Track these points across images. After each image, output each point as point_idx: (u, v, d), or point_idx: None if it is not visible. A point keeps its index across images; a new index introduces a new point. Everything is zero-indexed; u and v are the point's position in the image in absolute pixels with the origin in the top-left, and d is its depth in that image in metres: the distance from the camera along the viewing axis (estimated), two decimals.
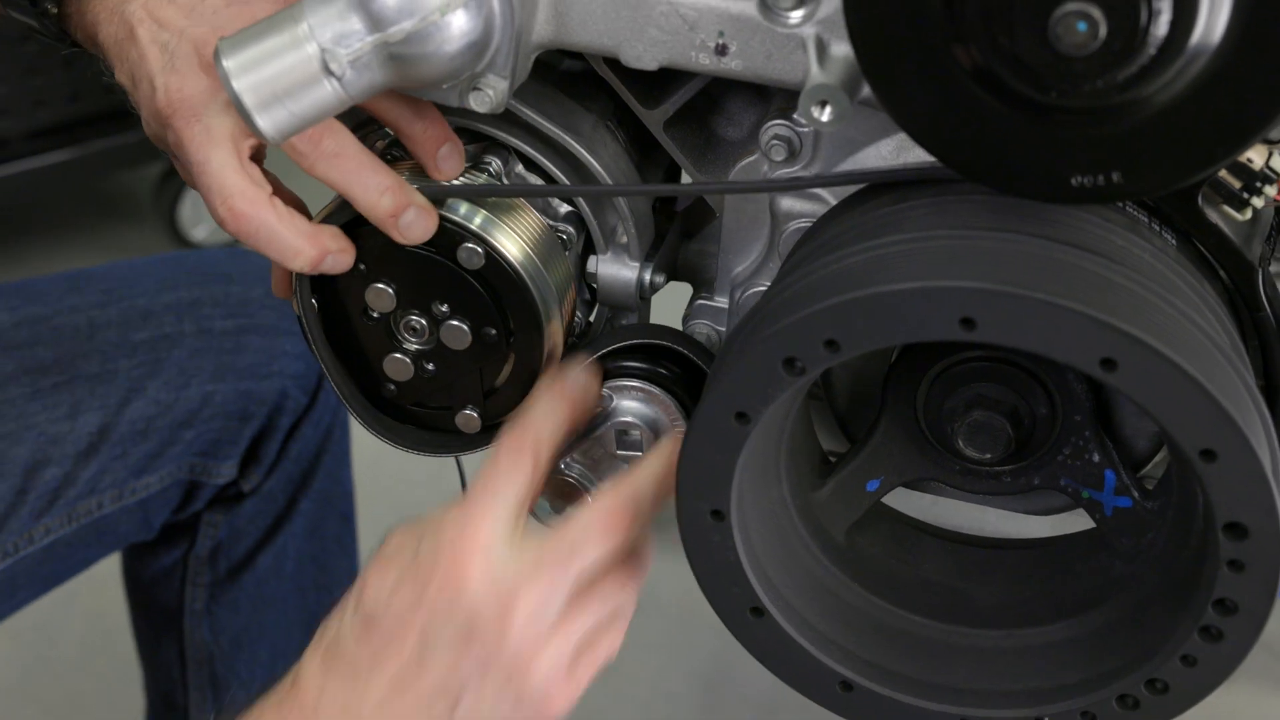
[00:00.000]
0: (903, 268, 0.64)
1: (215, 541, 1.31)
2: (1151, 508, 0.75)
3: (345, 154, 0.78)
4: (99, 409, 1.18)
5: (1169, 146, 0.62)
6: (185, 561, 1.32)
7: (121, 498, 1.21)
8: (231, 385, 1.23)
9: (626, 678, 1.98)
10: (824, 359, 0.65)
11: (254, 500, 1.30)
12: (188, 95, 0.79)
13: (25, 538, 1.15)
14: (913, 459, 0.79)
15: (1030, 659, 0.76)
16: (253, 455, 1.27)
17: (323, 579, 1.38)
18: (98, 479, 1.18)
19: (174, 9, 0.81)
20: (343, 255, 0.80)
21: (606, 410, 0.83)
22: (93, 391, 1.18)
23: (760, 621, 0.75)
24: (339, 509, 1.38)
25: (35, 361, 1.17)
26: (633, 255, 0.85)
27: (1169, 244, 0.71)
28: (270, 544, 1.33)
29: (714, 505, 0.72)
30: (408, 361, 0.84)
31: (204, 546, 1.31)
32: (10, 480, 1.13)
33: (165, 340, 1.22)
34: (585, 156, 0.82)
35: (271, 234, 0.79)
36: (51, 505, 1.16)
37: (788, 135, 0.77)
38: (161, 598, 1.35)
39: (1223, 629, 0.67)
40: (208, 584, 1.32)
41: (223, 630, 1.34)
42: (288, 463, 1.30)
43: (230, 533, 1.31)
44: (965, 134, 0.64)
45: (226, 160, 0.79)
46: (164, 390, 1.21)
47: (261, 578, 1.33)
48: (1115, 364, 0.61)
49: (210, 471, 1.25)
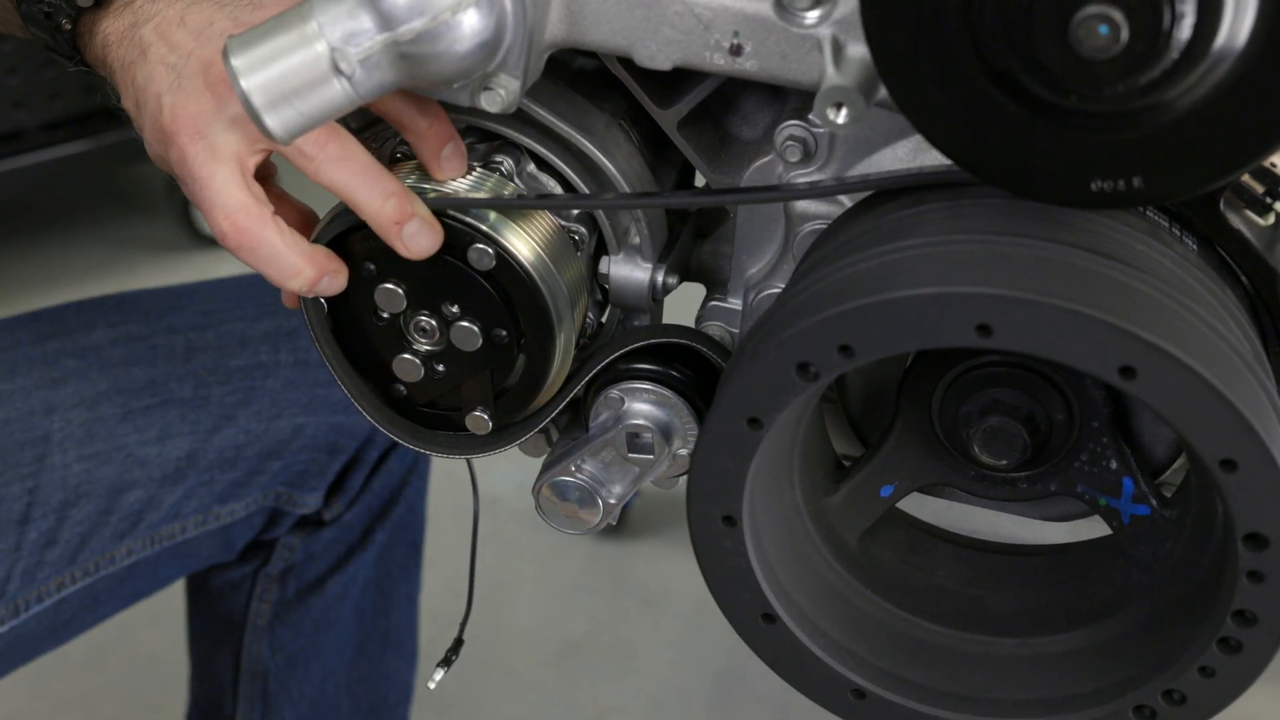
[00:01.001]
0: (918, 273, 0.63)
1: (288, 563, 1.31)
2: (1169, 516, 0.74)
3: (351, 158, 0.77)
4: (189, 434, 1.18)
5: (1191, 151, 0.61)
6: (255, 577, 1.32)
7: (205, 523, 1.21)
8: (323, 419, 1.23)
9: (640, 675, 1.97)
10: (838, 364, 0.65)
11: (333, 529, 1.30)
12: (192, 113, 0.78)
13: (107, 558, 1.15)
14: (927, 464, 0.78)
15: (1045, 668, 0.75)
16: (337, 486, 1.27)
17: (383, 603, 1.39)
18: (182, 504, 1.18)
19: (185, 32, 0.81)
20: (338, 276, 0.80)
21: (618, 413, 0.82)
22: (184, 416, 1.18)
23: (772, 628, 0.74)
24: (409, 537, 1.38)
25: (129, 381, 1.17)
26: (645, 256, 0.84)
27: (1190, 249, 0.70)
28: (342, 571, 1.33)
29: (726, 511, 0.71)
30: (417, 362, 0.83)
31: (276, 566, 1.31)
32: (96, 501, 1.14)
33: (260, 369, 1.22)
34: (598, 156, 0.81)
35: (273, 253, 0.78)
36: (134, 527, 1.16)
37: (803, 136, 0.76)
38: (225, 608, 1.35)
39: (1242, 640, 0.66)
40: (274, 602, 1.32)
41: (281, 648, 1.34)
42: (370, 495, 1.30)
43: (305, 557, 1.31)
44: (983, 137, 0.63)
45: (230, 177, 0.78)
46: (255, 420, 1.20)
47: (328, 603, 1.33)
48: (1134, 372, 0.60)
49: (295, 501, 1.25)
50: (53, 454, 1.12)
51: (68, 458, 1.13)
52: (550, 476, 0.84)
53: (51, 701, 1.93)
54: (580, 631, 2.02)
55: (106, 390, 1.16)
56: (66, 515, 1.12)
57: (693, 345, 0.82)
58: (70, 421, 1.14)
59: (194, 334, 1.21)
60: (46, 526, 1.12)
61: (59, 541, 1.12)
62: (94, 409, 1.15)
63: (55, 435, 1.13)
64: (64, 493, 1.12)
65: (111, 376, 1.17)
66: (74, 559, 1.13)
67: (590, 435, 0.83)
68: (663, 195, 0.86)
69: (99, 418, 1.15)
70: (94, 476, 1.14)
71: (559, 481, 0.84)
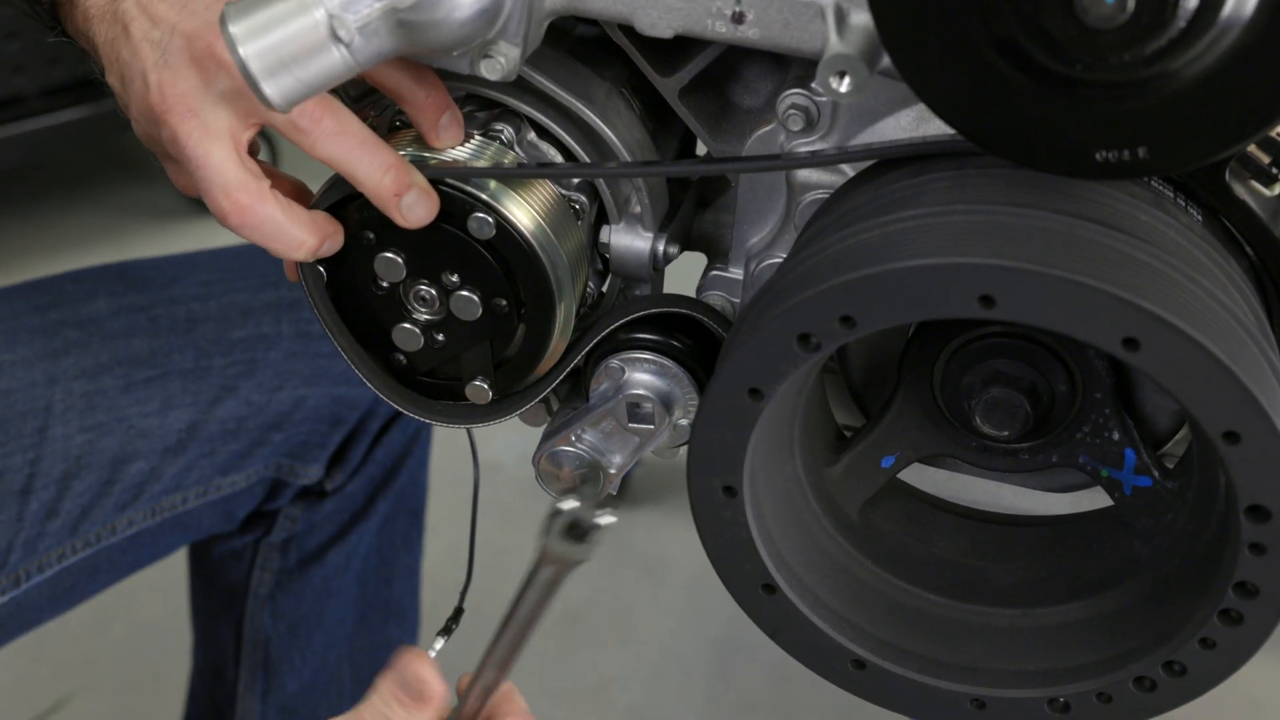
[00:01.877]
0: (921, 243, 0.63)
1: (290, 533, 1.31)
2: (1171, 487, 0.74)
3: (348, 131, 0.77)
4: (190, 406, 1.18)
5: (1197, 121, 0.60)
6: (256, 546, 1.32)
7: (206, 494, 1.21)
8: (325, 390, 1.23)
9: (640, 643, 1.98)
10: (839, 335, 0.64)
11: (334, 499, 1.30)
12: (181, 91, 0.78)
13: (109, 529, 1.16)
14: (929, 435, 0.78)
15: (1046, 639, 0.75)
16: (339, 457, 1.27)
17: (385, 572, 1.39)
18: (184, 475, 1.18)
19: (166, 5, 0.80)
20: (337, 236, 0.80)
21: (618, 383, 0.82)
22: (185, 388, 1.18)
23: (772, 598, 0.74)
24: (411, 506, 1.39)
25: (130, 353, 1.17)
26: (646, 225, 0.83)
27: (1194, 220, 0.69)
28: (344, 541, 1.33)
29: (726, 481, 0.71)
30: (417, 332, 0.83)
31: (278, 536, 1.31)
32: (97, 472, 1.14)
33: (262, 340, 1.21)
34: (599, 125, 0.80)
35: (276, 227, 0.78)
36: (136, 499, 1.16)
37: (805, 105, 0.76)
38: (227, 577, 1.35)
39: (1243, 612, 0.66)
40: (276, 571, 1.32)
41: (282, 617, 1.35)
42: (372, 466, 1.30)
43: (306, 526, 1.31)
44: (987, 107, 0.63)
45: (226, 155, 0.78)
46: (257, 391, 1.20)
47: (329, 573, 1.34)
48: (1138, 343, 0.60)
49: (297, 472, 1.25)
50: (54, 425, 1.12)
51: (69, 429, 1.13)
52: (550, 446, 0.84)
53: (54, 666, 1.93)
54: (581, 600, 2.03)
55: (107, 361, 1.16)
56: (68, 486, 1.12)
57: (693, 315, 0.81)
58: (71, 393, 1.14)
59: (195, 305, 1.21)
60: (48, 497, 1.12)
61: (60, 512, 1.12)
62: (95, 380, 1.15)
63: (56, 406, 1.13)
64: (65, 464, 1.12)
65: (112, 347, 1.16)
66: (75, 530, 1.13)
67: (591, 405, 0.83)
68: (663, 164, 0.85)
69: (100, 389, 1.15)
70: (96, 448, 1.13)
71: (559, 451, 0.84)
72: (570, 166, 0.81)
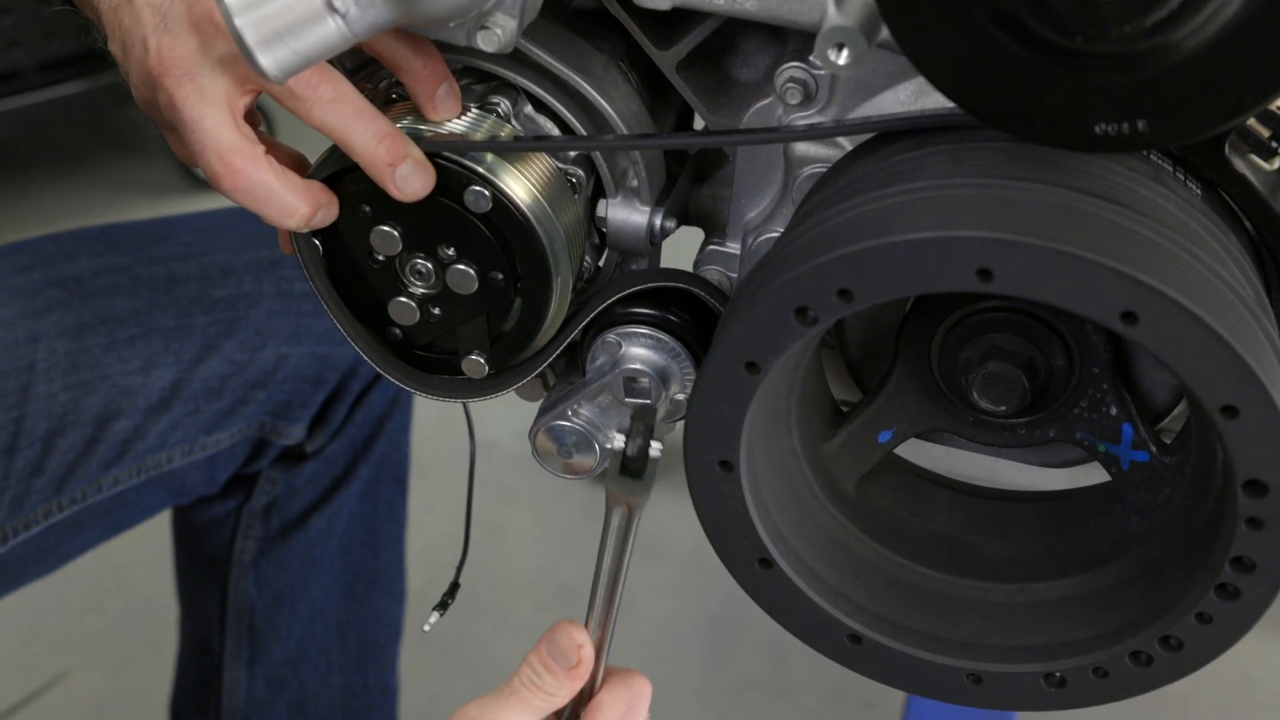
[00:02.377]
0: (919, 217, 0.63)
1: (271, 498, 1.31)
2: (1169, 462, 0.74)
3: (343, 100, 0.76)
4: (173, 364, 1.18)
5: (1197, 94, 0.60)
6: (238, 513, 1.32)
7: (191, 453, 1.21)
8: (307, 349, 1.23)
9: (636, 620, 1.98)
10: (837, 309, 0.64)
11: (315, 462, 1.30)
12: (179, 55, 0.77)
13: (94, 486, 1.16)
14: (926, 410, 0.78)
15: (1042, 614, 0.75)
16: (321, 418, 1.28)
17: (370, 541, 1.39)
18: (168, 434, 1.19)
19: None
20: (331, 207, 0.80)
21: (615, 358, 0.82)
22: (168, 346, 1.18)
23: (768, 573, 0.74)
24: (394, 473, 1.39)
25: (113, 311, 1.17)
26: (643, 199, 0.83)
27: (1194, 194, 0.69)
28: (325, 506, 1.33)
29: (723, 456, 0.70)
30: (413, 305, 0.82)
31: (259, 501, 1.31)
32: (82, 430, 1.14)
33: (244, 299, 1.22)
34: (596, 98, 0.80)
35: (269, 192, 0.78)
36: (121, 457, 1.17)
37: (803, 78, 0.75)
38: (210, 545, 1.35)
39: (1239, 587, 0.66)
40: (259, 538, 1.33)
41: (267, 585, 1.35)
42: (353, 428, 1.30)
43: (287, 490, 1.31)
44: (986, 79, 0.62)
45: (221, 119, 0.77)
46: (239, 350, 1.21)
47: (313, 538, 1.34)
48: (1136, 317, 0.60)
49: (280, 432, 1.26)
50: (37, 383, 1.13)
51: (53, 387, 1.13)
52: (547, 421, 0.84)
53: (50, 642, 1.94)
54: (577, 576, 2.03)
55: (90, 320, 1.16)
56: (53, 444, 1.13)
57: (691, 289, 0.81)
58: (54, 351, 1.14)
59: (176, 264, 1.21)
60: (33, 455, 1.12)
61: (45, 470, 1.13)
62: (78, 338, 1.15)
63: (40, 365, 1.13)
64: (50, 422, 1.13)
65: (95, 306, 1.17)
66: (61, 487, 1.14)
67: (587, 379, 0.83)
68: (660, 136, 0.85)
69: (83, 347, 1.15)
70: (79, 405, 1.14)
71: (555, 426, 0.84)
72: (567, 139, 0.81)
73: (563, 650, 0.82)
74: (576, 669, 0.82)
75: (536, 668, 0.82)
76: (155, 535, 1.53)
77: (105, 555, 1.93)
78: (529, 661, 0.83)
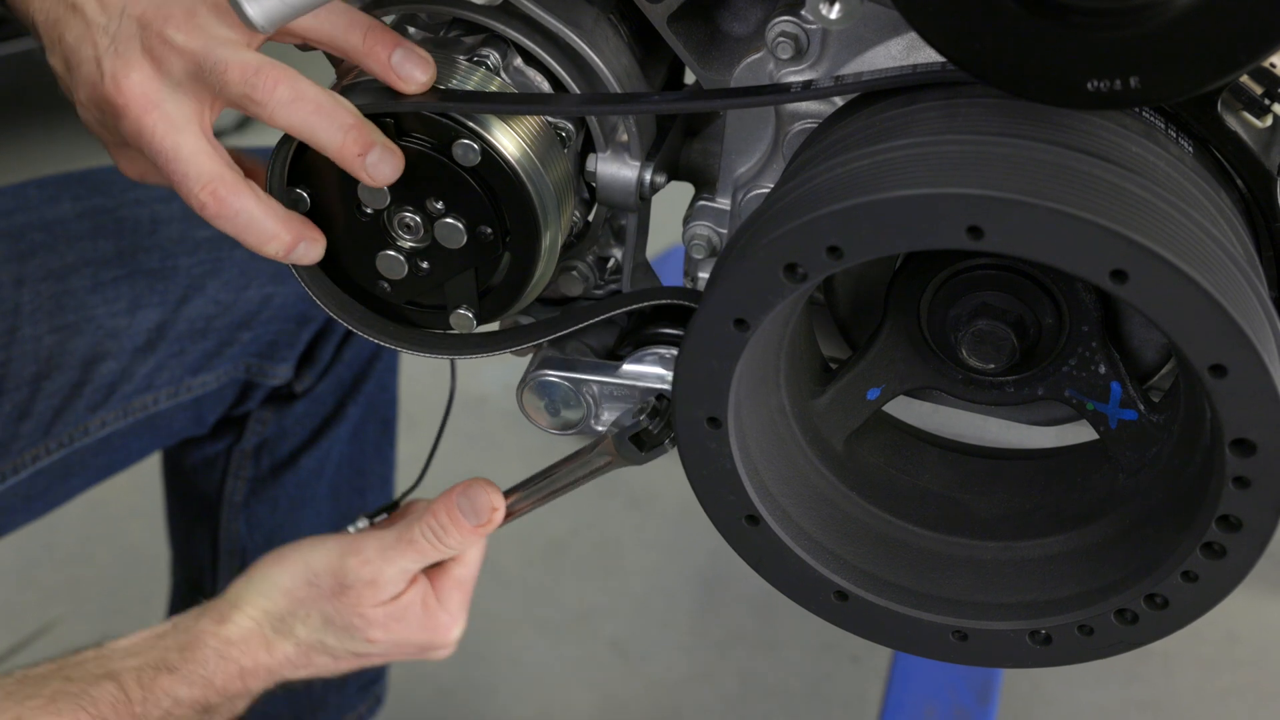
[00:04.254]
0: (910, 173, 0.62)
1: (261, 438, 1.31)
2: (1157, 421, 0.74)
3: (302, 98, 0.76)
4: (158, 305, 1.18)
5: (1189, 51, 0.59)
6: (229, 454, 1.32)
7: (177, 395, 1.21)
8: (291, 288, 1.23)
9: (624, 575, 1.99)
10: (826, 266, 0.64)
11: (305, 401, 1.30)
12: (137, 82, 0.77)
13: (81, 429, 1.16)
14: (915, 367, 0.78)
15: (1029, 571, 0.75)
16: (308, 357, 1.28)
17: (358, 482, 1.39)
18: (154, 375, 1.19)
19: None
20: (315, 245, 0.80)
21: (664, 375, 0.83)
22: (152, 287, 1.18)
23: (755, 529, 0.74)
24: (382, 415, 1.39)
25: (97, 254, 1.17)
26: (633, 154, 0.83)
27: (1185, 151, 0.69)
28: (315, 446, 1.33)
29: (711, 412, 0.70)
30: (401, 259, 0.82)
31: (250, 442, 1.31)
32: (68, 372, 1.14)
33: (227, 239, 1.21)
34: (586, 51, 0.79)
35: (250, 220, 0.78)
36: (108, 399, 1.17)
37: (795, 33, 0.75)
38: (201, 487, 1.35)
39: (1225, 545, 0.66)
40: (249, 479, 1.33)
41: (258, 526, 1.35)
42: (341, 367, 1.30)
43: (278, 431, 1.31)
44: (978, 35, 0.62)
45: (197, 145, 0.77)
46: (224, 290, 1.21)
47: (303, 479, 1.34)
48: (1126, 275, 0.59)
49: (266, 372, 1.26)
50: (23, 326, 1.13)
51: (38, 329, 1.13)
52: (539, 377, 0.84)
53: (40, 592, 1.94)
54: (566, 531, 2.03)
55: (74, 262, 1.16)
56: (39, 387, 1.13)
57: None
58: (39, 294, 1.14)
59: (159, 206, 1.21)
60: (20, 399, 1.12)
61: (33, 414, 1.13)
62: (63, 281, 1.15)
63: (25, 308, 1.13)
64: (36, 365, 1.13)
65: (78, 249, 1.17)
66: (48, 431, 1.14)
67: (624, 372, 0.84)
68: (650, 98, 0.84)
69: (68, 289, 1.15)
70: (65, 348, 1.14)
71: (546, 382, 0.84)
72: (550, 96, 0.80)
73: (476, 506, 0.85)
74: (483, 527, 0.84)
75: (444, 521, 0.85)
76: (146, 485, 1.53)
77: (95, 505, 1.93)
78: (435, 514, 0.86)
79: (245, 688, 0.91)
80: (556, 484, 0.85)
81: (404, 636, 0.91)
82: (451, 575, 0.91)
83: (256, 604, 0.91)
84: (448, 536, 0.86)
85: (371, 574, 0.88)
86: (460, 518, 0.85)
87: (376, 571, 0.88)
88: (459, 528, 0.86)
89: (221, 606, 0.93)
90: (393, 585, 0.89)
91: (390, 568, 0.88)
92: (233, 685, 0.90)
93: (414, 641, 0.91)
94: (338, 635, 0.90)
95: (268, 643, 0.90)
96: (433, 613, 0.91)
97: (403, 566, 0.88)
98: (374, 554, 0.88)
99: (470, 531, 0.86)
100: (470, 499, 0.85)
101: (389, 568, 0.88)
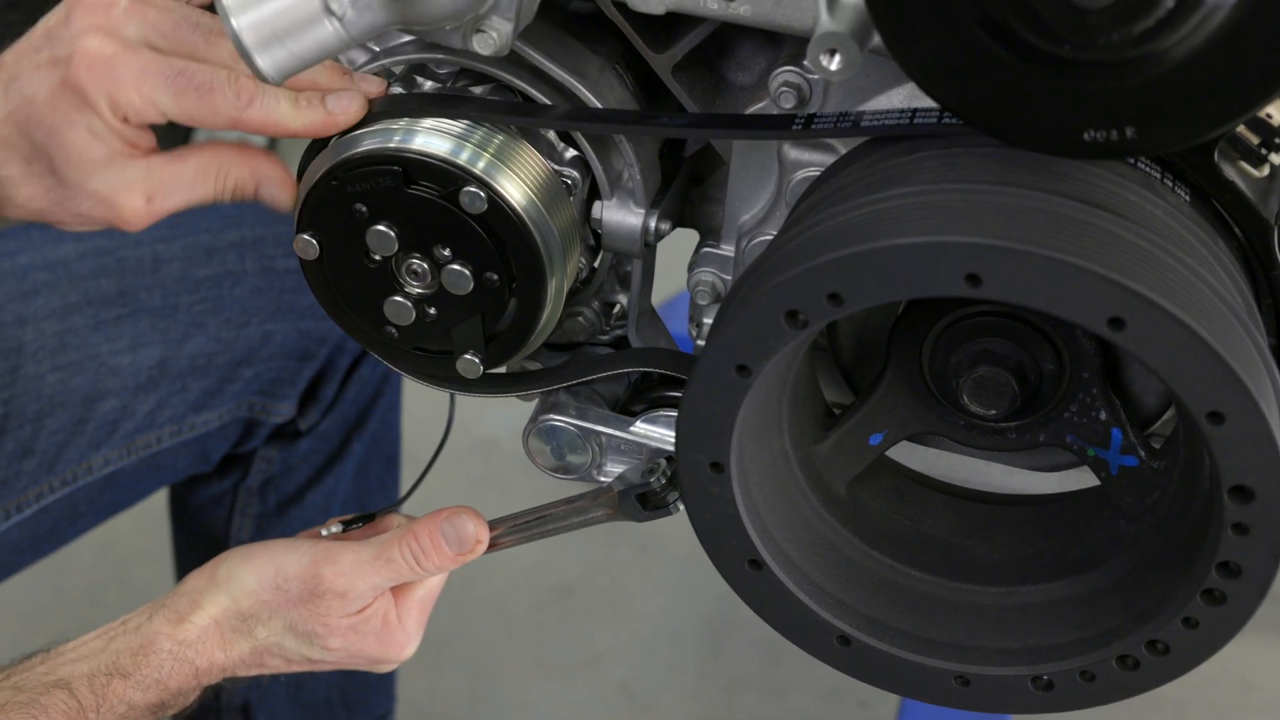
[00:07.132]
0: (909, 221, 0.63)
1: (267, 475, 1.32)
2: (1158, 467, 0.75)
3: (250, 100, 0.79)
4: (159, 343, 1.19)
5: (1185, 102, 0.60)
6: (235, 492, 1.33)
7: (180, 433, 1.22)
8: (292, 325, 1.24)
9: (633, 619, 1.98)
10: (827, 312, 0.64)
11: (309, 439, 1.31)
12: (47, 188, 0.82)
13: (84, 467, 1.17)
14: (917, 413, 0.78)
15: (1030, 617, 0.76)
16: (311, 395, 1.29)
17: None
18: (156, 413, 1.20)
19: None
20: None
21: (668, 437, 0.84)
22: (154, 325, 1.19)
23: (758, 574, 0.74)
24: (386, 452, 1.40)
25: (99, 293, 1.19)
26: (638, 201, 0.83)
27: (1183, 200, 0.69)
28: (320, 483, 1.34)
29: (714, 457, 0.71)
30: (409, 305, 0.83)
31: (255, 479, 1.32)
32: (70, 410, 1.15)
33: (228, 277, 1.23)
34: (592, 100, 0.80)
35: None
36: (110, 437, 1.18)
37: (797, 82, 0.76)
38: (207, 525, 1.36)
39: (1226, 592, 0.66)
40: (255, 516, 1.34)
41: None
42: (344, 404, 1.31)
43: (283, 468, 1.32)
44: (976, 86, 0.63)
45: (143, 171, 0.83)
46: (225, 327, 1.22)
47: (309, 516, 1.34)
48: (1123, 323, 0.60)
49: (269, 410, 1.27)
50: (26, 365, 1.14)
51: (41, 368, 1.14)
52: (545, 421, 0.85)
53: (48, 634, 1.92)
54: (574, 575, 2.03)
55: (76, 302, 1.18)
56: (42, 425, 1.14)
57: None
58: (42, 333, 1.15)
59: (160, 245, 1.23)
60: (23, 437, 1.13)
61: (36, 451, 1.14)
62: (65, 320, 1.16)
63: (28, 347, 1.14)
64: (39, 403, 1.14)
65: (81, 288, 1.18)
66: (51, 468, 1.15)
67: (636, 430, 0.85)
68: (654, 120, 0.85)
69: (70, 329, 1.16)
70: (68, 386, 1.15)
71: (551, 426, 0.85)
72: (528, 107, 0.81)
73: (460, 535, 0.86)
74: (464, 555, 0.85)
75: (425, 546, 0.86)
76: (153, 527, 1.53)
77: (103, 547, 1.94)
78: (417, 536, 0.87)
79: (198, 684, 0.91)
80: (547, 525, 0.86)
81: (360, 649, 0.91)
82: (414, 595, 0.92)
83: (218, 602, 0.90)
84: (427, 560, 0.87)
85: (344, 586, 0.88)
86: (442, 544, 0.86)
87: (349, 584, 0.88)
88: (439, 553, 0.87)
89: (179, 604, 0.92)
90: (361, 599, 0.89)
91: (363, 582, 0.88)
92: (187, 684, 0.90)
93: (368, 654, 0.92)
94: (297, 640, 0.90)
95: (225, 642, 0.90)
96: (392, 629, 0.91)
97: (375, 583, 0.89)
98: (349, 566, 0.88)
99: (450, 559, 0.87)
100: (456, 527, 0.86)
101: (361, 582, 0.88)
